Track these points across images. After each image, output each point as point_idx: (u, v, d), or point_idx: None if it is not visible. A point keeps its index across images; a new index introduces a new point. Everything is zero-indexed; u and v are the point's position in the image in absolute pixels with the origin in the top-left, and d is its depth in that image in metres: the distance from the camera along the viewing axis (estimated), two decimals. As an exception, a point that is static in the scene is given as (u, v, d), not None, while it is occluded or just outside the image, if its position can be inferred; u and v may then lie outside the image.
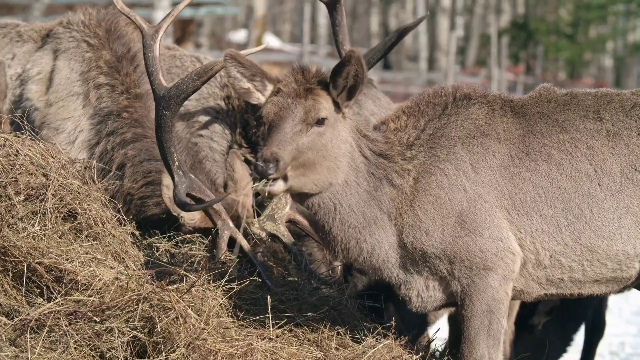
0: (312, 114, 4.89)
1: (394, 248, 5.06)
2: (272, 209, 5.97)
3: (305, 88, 4.93)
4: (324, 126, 4.91)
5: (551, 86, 5.28)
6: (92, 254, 5.30)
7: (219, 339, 5.08)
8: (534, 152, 5.08)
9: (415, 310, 5.17)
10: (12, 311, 5.13)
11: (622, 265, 5.09)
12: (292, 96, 4.91)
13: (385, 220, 5.04)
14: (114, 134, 6.40)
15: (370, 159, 5.04)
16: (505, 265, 5.02)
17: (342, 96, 4.95)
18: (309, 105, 4.89)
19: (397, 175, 5.04)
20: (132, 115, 6.41)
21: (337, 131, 4.96)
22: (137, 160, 6.29)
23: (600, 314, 7.54)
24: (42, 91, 6.74)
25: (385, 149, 5.07)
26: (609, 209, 5.04)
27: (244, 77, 5.05)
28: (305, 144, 4.86)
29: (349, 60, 4.86)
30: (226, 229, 5.76)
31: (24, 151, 5.39)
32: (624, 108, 5.16)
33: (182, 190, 5.50)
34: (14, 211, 5.25)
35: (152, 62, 5.51)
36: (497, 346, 5.06)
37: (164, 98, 5.43)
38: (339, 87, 4.94)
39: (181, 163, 5.52)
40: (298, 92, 4.92)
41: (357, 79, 4.91)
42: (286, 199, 5.98)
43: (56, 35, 6.79)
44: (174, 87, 5.42)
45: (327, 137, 4.92)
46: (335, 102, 4.96)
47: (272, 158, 4.77)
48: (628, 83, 48.36)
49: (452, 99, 5.18)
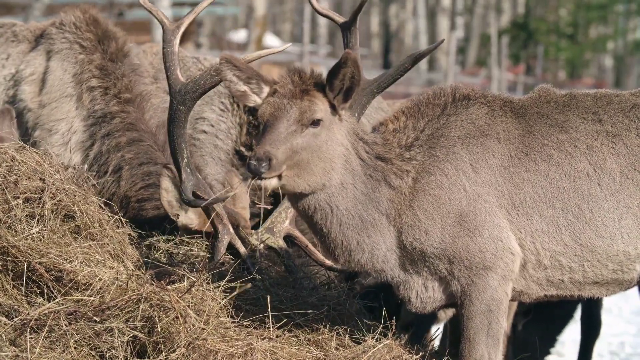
0: (308, 114, 4.89)
1: (393, 249, 5.06)
2: (272, 222, 5.96)
3: (302, 89, 4.93)
4: (319, 127, 4.91)
5: (550, 87, 5.28)
6: (91, 254, 5.30)
7: (219, 338, 5.08)
8: (534, 152, 5.08)
9: (415, 311, 5.17)
10: (12, 311, 5.14)
11: (622, 267, 5.09)
12: (287, 97, 4.91)
13: (384, 222, 5.04)
14: (108, 137, 6.40)
15: (367, 161, 5.04)
16: (504, 265, 5.02)
17: (338, 98, 4.95)
18: (305, 106, 4.89)
19: (396, 176, 5.04)
20: (125, 119, 6.41)
21: (333, 133, 4.96)
22: (135, 163, 6.29)
23: (595, 313, 7.54)
24: (35, 92, 6.74)
25: (383, 151, 5.07)
26: (609, 209, 5.04)
27: (240, 80, 5.05)
28: (299, 145, 4.85)
29: (345, 62, 4.86)
30: (226, 233, 5.75)
31: (19, 158, 5.40)
32: (623, 109, 5.16)
33: (189, 188, 5.51)
34: (12, 213, 5.26)
35: (171, 57, 5.53)
36: (497, 346, 5.06)
37: (180, 93, 5.45)
38: (335, 89, 4.93)
39: (189, 160, 5.52)
40: (294, 93, 4.91)
41: (353, 80, 4.91)
42: (286, 214, 5.97)
43: (49, 36, 6.80)
44: (192, 82, 5.43)
45: (322, 138, 4.91)
46: (331, 104, 4.96)
47: (265, 157, 4.77)
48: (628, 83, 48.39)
49: (451, 99, 5.18)
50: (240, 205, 6.16)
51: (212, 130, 6.90)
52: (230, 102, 6.94)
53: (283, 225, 5.94)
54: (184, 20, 5.61)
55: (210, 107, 6.94)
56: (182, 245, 5.93)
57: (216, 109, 6.92)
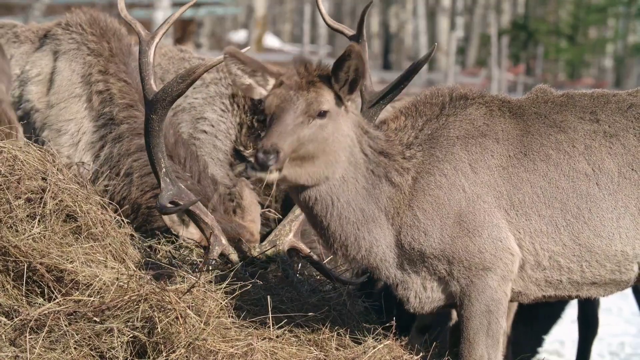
0: (314, 106, 4.87)
1: (391, 247, 5.06)
2: (275, 235, 5.96)
3: (308, 81, 4.91)
4: (326, 119, 4.89)
5: (548, 87, 5.29)
6: (92, 255, 5.31)
7: (219, 339, 5.08)
8: (532, 153, 5.08)
9: (413, 311, 5.16)
10: (12, 311, 5.14)
11: (620, 267, 5.09)
12: (294, 88, 4.89)
13: (383, 219, 5.04)
14: (119, 141, 6.40)
15: (370, 156, 5.03)
16: (503, 265, 5.02)
17: (344, 90, 4.94)
18: (311, 97, 4.87)
19: (397, 173, 5.03)
20: (132, 125, 6.41)
21: (339, 125, 4.94)
22: (144, 172, 6.29)
23: (592, 313, 7.54)
24: (43, 92, 6.73)
25: (387, 147, 5.07)
26: (608, 209, 5.05)
27: (245, 74, 5.05)
28: (306, 136, 4.83)
29: (350, 55, 4.86)
30: (217, 244, 5.72)
31: (21, 157, 5.40)
32: (620, 109, 5.17)
33: (166, 197, 5.50)
34: (13, 214, 5.26)
35: (146, 68, 5.56)
36: (497, 346, 5.06)
37: (152, 102, 5.46)
38: (340, 81, 4.92)
39: (168, 170, 5.52)
40: (300, 85, 4.89)
41: (357, 72, 4.90)
42: (290, 227, 5.96)
43: (55, 37, 6.79)
44: (160, 91, 5.43)
45: (328, 130, 4.90)
46: (337, 95, 4.96)
47: (272, 149, 4.74)
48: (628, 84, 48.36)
49: (449, 99, 5.18)
50: (249, 218, 6.15)
51: (212, 130, 6.90)
52: (230, 102, 6.94)
53: (287, 239, 5.94)
54: (159, 32, 5.62)
55: (212, 108, 6.94)
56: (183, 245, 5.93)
57: (217, 110, 6.92)
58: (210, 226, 5.67)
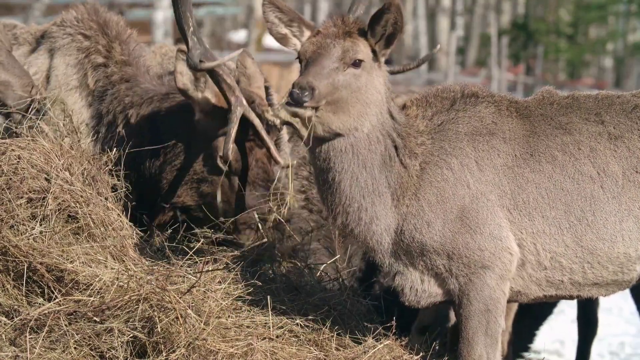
0: (350, 54, 4.92)
1: (389, 232, 5.06)
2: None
3: (345, 31, 4.97)
4: (360, 69, 4.95)
5: (553, 89, 5.30)
6: (92, 255, 5.31)
7: (219, 339, 5.09)
8: (538, 153, 5.09)
9: (408, 305, 5.16)
10: (12, 311, 5.14)
11: (623, 268, 5.09)
12: (330, 37, 4.96)
13: (388, 198, 5.04)
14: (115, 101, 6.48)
15: (396, 118, 5.06)
16: (502, 264, 5.03)
17: (380, 44, 4.99)
18: (348, 45, 4.94)
19: (409, 154, 5.06)
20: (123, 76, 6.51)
21: (373, 78, 4.99)
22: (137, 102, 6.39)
23: (592, 312, 7.54)
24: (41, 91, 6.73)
25: (404, 125, 5.10)
26: (611, 212, 5.04)
27: (282, 23, 5.09)
28: (340, 82, 4.89)
29: (389, 8, 4.89)
30: (239, 105, 5.88)
31: (25, 156, 5.40)
32: (625, 110, 5.17)
33: (196, 55, 5.68)
34: (14, 213, 5.26)
35: None
36: (495, 345, 5.06)
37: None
38: (377, 35, 4.97)
39: (195, 29, 5.66)
40: (337, 34, 4.96)
41: (395, 26, 4.94)
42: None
43: (50, 35, 6.83)
44: None
45: (362, 80, 4.95)
46: (372, 50, 4.99)
47: (309, 86, 4.81)
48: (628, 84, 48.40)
49: (460, 95, 5.21)
50: (256, 85, 6.28)
51: None
52: None
53: None
54: None
55: None
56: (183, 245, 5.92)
57: None
58: (232, 87, 5.81)
